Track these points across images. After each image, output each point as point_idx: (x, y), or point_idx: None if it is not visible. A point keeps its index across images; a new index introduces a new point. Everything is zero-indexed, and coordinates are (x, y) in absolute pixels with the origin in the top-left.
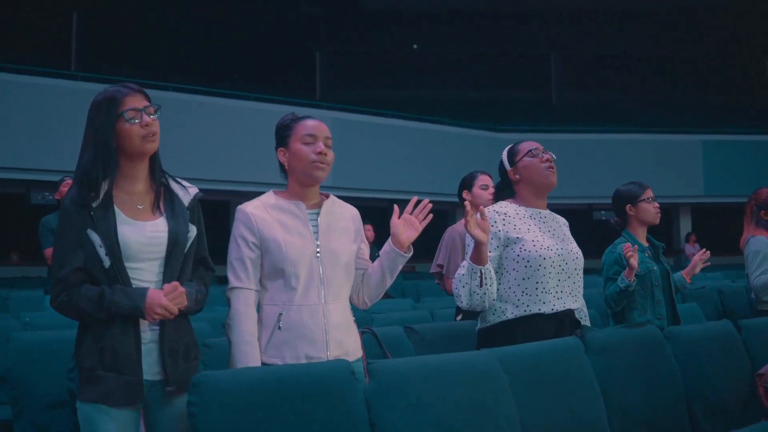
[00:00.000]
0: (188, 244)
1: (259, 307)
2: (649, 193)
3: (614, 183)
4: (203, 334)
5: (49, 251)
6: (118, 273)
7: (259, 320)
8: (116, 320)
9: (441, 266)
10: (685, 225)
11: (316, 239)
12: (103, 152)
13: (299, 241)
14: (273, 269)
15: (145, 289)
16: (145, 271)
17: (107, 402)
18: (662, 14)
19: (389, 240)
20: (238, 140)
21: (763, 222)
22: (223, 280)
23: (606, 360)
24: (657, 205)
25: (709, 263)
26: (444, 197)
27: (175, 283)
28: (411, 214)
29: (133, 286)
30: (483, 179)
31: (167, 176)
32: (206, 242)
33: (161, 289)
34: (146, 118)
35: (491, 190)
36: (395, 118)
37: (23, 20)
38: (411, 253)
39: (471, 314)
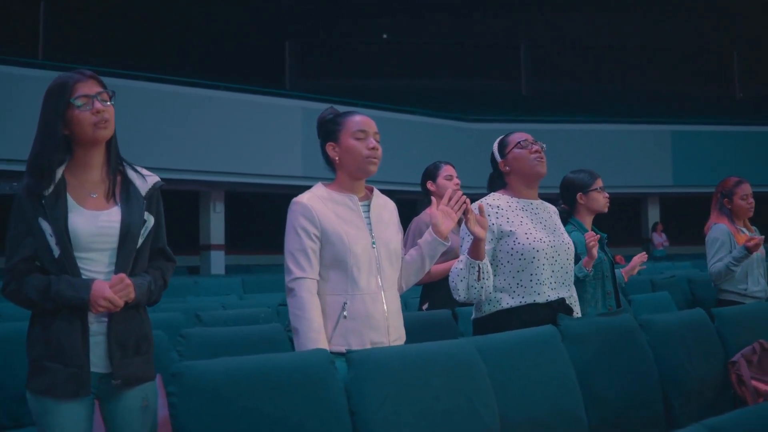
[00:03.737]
0: (145, 234)
1: None
2: (599, 183)
3: None
4: (177, 325)
5: None
6: (67, 263)
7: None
8: (63, 311)
9: None
10: (654, 214)
11: (371, 230)
12: (52, 140)
13: (357, 232)
14: (334, 260)
15: (91, 281)
16: (96, 261)
17: (52, 393)
18: (632, 4)
19: (429, 230)
20: (207, 130)
21: (726, 210)
22: (203, 270)
23: (582, 348)
24: (607, 195)
25: (645, 266)
26: (414, 187)
27: (122, 275)
28: (447, 205)
29: (84, 276)
30: (447, 170)
31: (125, 164)
32: (165, 232)
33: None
34: (98, 105)
35: (456, 180)
36: (365, 107)
37: None
38: (450, 242)
39: (437, 304)
